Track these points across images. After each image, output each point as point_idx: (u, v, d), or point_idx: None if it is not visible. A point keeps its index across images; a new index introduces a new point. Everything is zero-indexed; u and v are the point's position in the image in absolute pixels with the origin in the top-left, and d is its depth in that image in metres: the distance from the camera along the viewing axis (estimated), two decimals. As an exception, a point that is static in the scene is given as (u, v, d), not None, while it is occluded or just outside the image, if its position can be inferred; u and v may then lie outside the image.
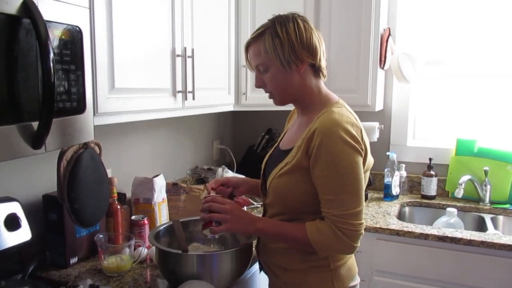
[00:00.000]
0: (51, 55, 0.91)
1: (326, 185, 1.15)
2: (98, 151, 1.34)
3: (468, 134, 2.34)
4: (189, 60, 1.65)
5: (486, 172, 2.19)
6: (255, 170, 2.45)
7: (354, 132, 1.15)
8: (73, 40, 1.07)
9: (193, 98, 1.68)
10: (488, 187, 2.19)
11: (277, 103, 1.31)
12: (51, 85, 0.91)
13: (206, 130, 2.53)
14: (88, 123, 1.14)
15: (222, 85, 1.99)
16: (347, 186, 1.14)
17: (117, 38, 1.31)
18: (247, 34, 2.06)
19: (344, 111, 1.21)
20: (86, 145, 1.27)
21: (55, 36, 1.01)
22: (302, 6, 2.10)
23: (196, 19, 1.71)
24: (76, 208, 1.23)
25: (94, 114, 1.22)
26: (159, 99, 1.54)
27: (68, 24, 1.05)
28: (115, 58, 1.31)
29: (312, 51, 1.22)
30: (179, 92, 1.63)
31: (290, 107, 1.36)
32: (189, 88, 1.67)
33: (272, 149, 1.45)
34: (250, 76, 2.11)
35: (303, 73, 1.24)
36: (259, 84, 1.29)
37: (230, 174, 2.14)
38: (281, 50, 1.20)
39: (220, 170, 2.15)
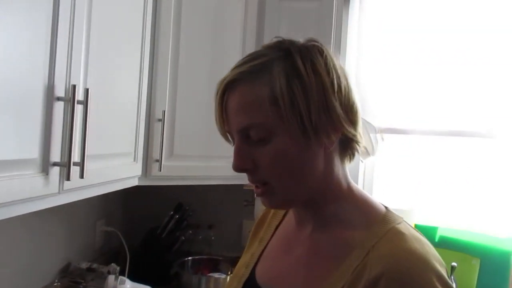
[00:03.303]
0: None
1: None
2: None
3: (427, 219, 1.96)
4: (79, 107, 0.92)
5: (453, 269, 1.79)
6: (157, 266, 1.73)
7: (448, 280, 0.61)
8: None
9: (82, 175, 0.94)
10: (454, 285, 1.80)
11: (277, 203, 0.71)
12: None
13: (85, 206, 1.72)
14: None
15: (125, 149, 1.27)
16: None
17: None
18: (165, 73, 1.40)
19: (417, 234, 0.67)
20: None
21: None
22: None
23: (94, 44, 1.01)
24: None
25: None
26: (10, 181, 0.77)
27: None
28: None
29: (352, 109, 0.67)
30: (54, 165, 0.88)
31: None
32: (75, 158, 0.93)
33: (230, 280, 0.81)
34: (167, 135, 1.42)
35: (331, 152, 0.67)
36: (244, 164, 0.67)
37: (128, 285, 1.37)
38: (305, 104, 0.62)
39: (111, 279, 1.36)
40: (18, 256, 1.32)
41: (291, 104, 0.62)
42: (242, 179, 1.64)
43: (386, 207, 0.71)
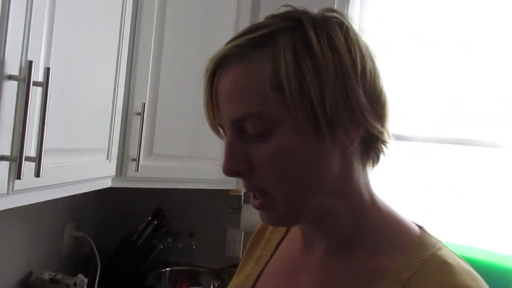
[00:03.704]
0: None
1: None
2: None
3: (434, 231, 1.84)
4: (37, 90, 0.75)
5: None
6: (130, 277, 1.58)
7: None
8: None
9: (38, 173, 0.77)
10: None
11: (279, 219, 0.55)
12: None
13: (53, 207, 1.54)
14: None
15: (96, 145, 1.10)
16: None
17: None
18: (147, 59, 1.24)
19: (466, 265, 0.53)
20: None
21: None
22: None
23: (60, 16, 0.84)
24: None
25: None
26: None
27: None
28: None
29: (379, 99, 0.52)
30: (2, 159, 0.71)
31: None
32: (30, 151, 0.76)
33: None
34: (147, 131, 1.26)
35: (351, 153, 0.52)
36: (237, 166, 0.51)
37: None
38: (317, 89, 0.47)
39: (75, 294, 1.19)
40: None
41: (300, 88, 0.47)
42: (228, 183, 1.51)
43: (420, 227, 0.57)
